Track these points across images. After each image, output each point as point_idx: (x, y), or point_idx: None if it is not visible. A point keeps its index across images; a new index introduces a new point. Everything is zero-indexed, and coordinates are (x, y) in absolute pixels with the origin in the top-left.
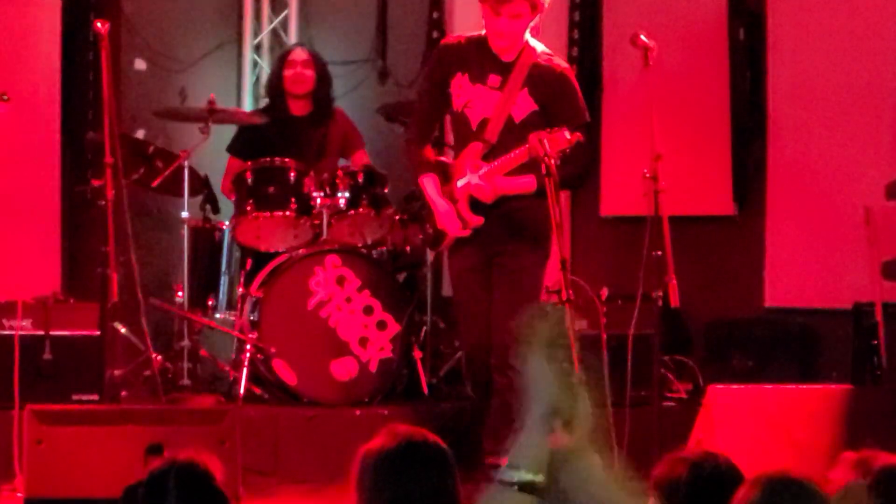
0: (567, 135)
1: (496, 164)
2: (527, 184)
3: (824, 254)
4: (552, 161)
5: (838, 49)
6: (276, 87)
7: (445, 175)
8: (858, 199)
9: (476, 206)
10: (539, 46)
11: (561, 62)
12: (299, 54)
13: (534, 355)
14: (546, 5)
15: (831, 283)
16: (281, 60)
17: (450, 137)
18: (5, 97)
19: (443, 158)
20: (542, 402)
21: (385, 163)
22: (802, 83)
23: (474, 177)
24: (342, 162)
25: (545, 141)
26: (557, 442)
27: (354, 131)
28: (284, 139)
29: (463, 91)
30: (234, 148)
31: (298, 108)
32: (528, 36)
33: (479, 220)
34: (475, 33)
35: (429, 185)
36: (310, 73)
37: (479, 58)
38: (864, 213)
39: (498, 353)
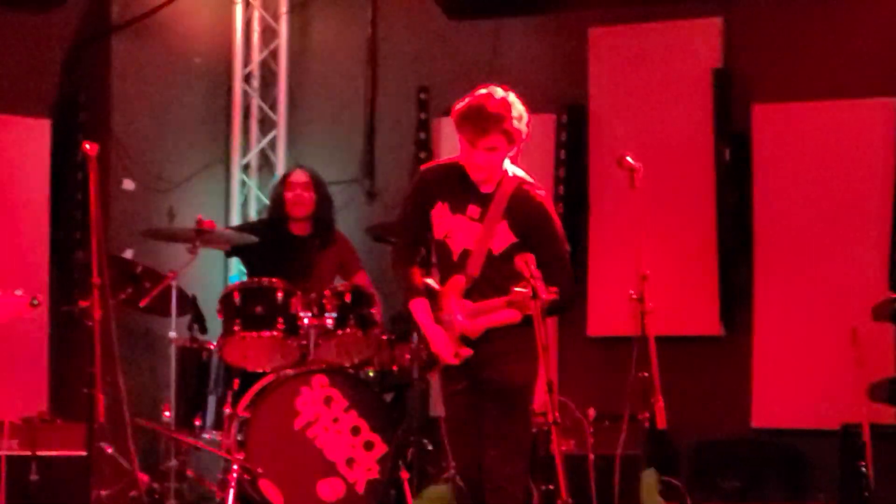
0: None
1: (479, 305)
2: (511, 316)
3: (811, 374)
4: (538, 283)
5: (823, 169)
6: (277, 207)
7: (434, 300)
8: (845, 320)
9: (464, 336)
10: (519, 173)
11: (539, 191)
12: (299, 176)
13: None
14: (524, 136)
15: (819, 403)
16: (282, 182)
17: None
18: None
19: (430, 281)
20: None
21: (373, 283)
22: (788, 203)
23: (459, 315)
24: (338, 281)
25: (530, 263)
26: None
27: (353, 255)
28: (280, 258)
29: (444, 221)
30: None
31: (299, 229)
32: (507, 164)
33: (468, 352)
34: (456, 158)
35: (420, 310)
36: (309, 195)
37: (459, 187)
38: (851, 334)
39: (490, 475)
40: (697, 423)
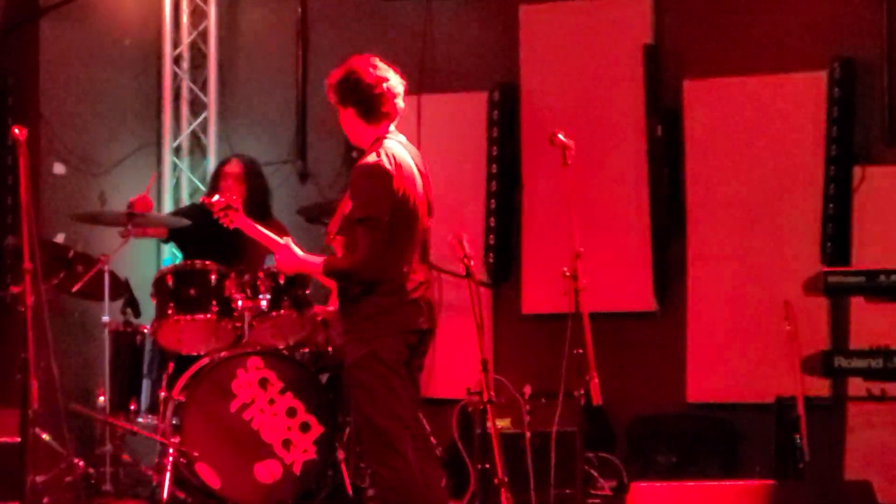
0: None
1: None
2: (315, 264)
3: (745, 349)
4: (471, 262)
5: (755, 144)
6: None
7: None
8: (778, 294)
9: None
10: (386, 144)
11: (368, 158)
12: (233, 167)
13: None
14: (364, 96)
15: (753, 377)
16: (217, 170)
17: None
18: None
19: None
20: None
21: None
22: (720, 178)
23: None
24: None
25: (465, 242)
26: None
27: (284, 234)
28: (214, 241)
29: None
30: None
31: None
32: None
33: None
34: None
35: None
36: (239, 187)
37: None
38: (784, 308)
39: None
40: (633, 398)
